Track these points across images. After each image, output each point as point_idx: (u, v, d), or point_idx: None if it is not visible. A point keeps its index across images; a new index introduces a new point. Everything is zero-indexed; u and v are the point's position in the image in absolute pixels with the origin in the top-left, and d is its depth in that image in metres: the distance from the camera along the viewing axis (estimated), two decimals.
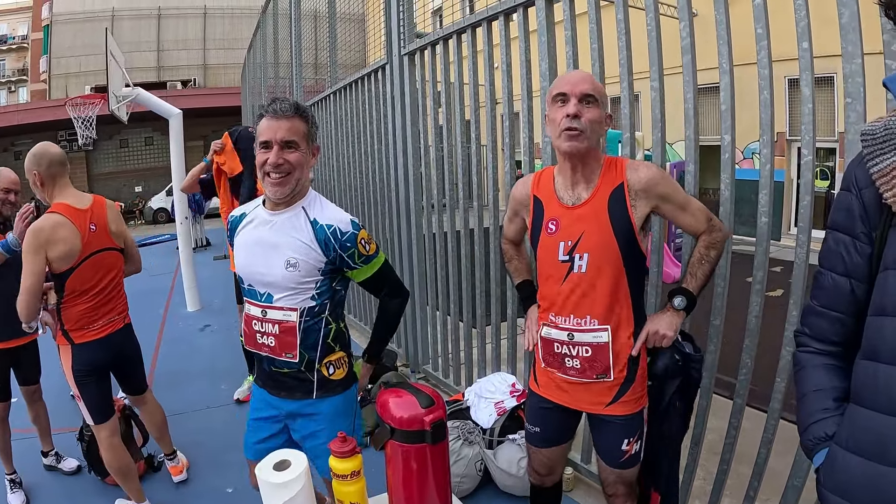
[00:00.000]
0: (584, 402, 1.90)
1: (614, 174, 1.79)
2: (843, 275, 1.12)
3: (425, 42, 3.95)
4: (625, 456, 1.89)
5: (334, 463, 1.33)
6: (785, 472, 2.16)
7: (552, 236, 1.83)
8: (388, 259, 1.96)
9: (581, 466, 3.03)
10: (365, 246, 1.83)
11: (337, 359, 1.91)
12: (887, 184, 0.99)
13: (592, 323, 1.79)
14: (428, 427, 1.20)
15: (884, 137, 1.01)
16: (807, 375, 1.20)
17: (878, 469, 1.00)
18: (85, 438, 3.30)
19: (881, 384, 1.02)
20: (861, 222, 1.08)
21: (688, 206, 1.82)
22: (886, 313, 1.02)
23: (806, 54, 1.88)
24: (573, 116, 1.71)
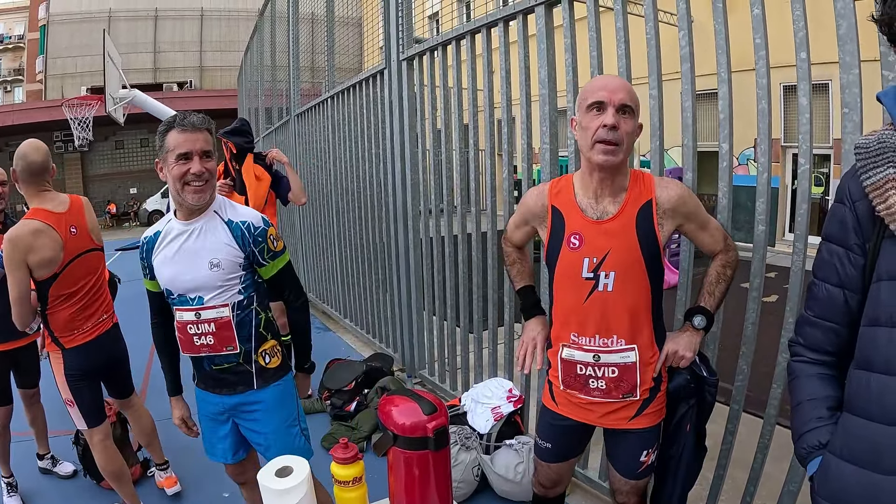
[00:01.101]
0: (606, 419, 1.87)
1: (641, 189, 1.73)
2: (836, 286, 1.14)
3: (424, 48, 3.96)
4: (642, 467, 1.89)
5: (336, 469, 1.33)
6: (781, 477, 2.17)
7: (575, 251, 1.76)
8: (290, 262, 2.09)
9: (578, 472, 3.03)
10: (273, 242, 1.99)
11: (271, 347, 2.05)
12: (880, 197, 1.01)
13: (619, 343, 1.74)
14: (431, 434, 1.20)
15: (877, 151, 1.03)
16: (801, 385, 1.22)
17: (871, 477, 1.02)
18: (81, 442, 3.29)
19: (874, 393, 1.03)
20: (854, 234, 1.09)
21: (708, 225, 1.80)
22: (880, 324, 1.03)
23: (804, 64, 1.89)
24: (611, 128, 1.63)
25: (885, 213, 1.00)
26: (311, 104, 6.48)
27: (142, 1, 26.71)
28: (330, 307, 6.75)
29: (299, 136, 7.18)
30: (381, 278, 5.09)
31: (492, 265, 3.50)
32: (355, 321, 5.94)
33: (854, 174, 1.09)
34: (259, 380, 2.03)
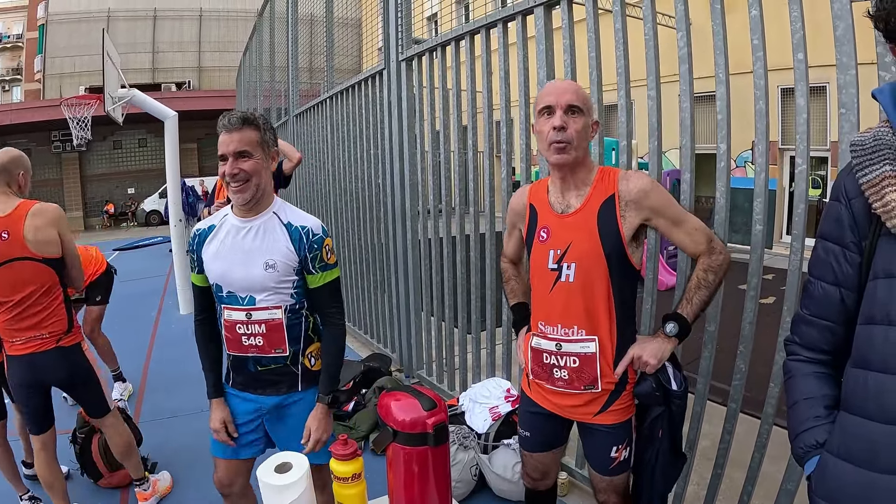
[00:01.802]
0: (572, 411, 1.90)
1: (606, 184, 1.78)
2: (832, 284, 1.14)
3: (423, 48, 3.97)
4: (614, 463, 1.89)
5: (335, 465, 1.34)
6: (778, 477, 2.17)
7: (543, 244, 1.84)
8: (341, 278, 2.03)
9: (575, 471, 3.04)
10: (328, 253, 1.96)
11: (316, 350, 2.07)
12: (876, 194, 1.01)
13: (580, 333, 1.78)
14: (430, 430, 1.21)
15: (873, 148, 1.03)
16: (797, 384, 1.22)
17: (868, 476, 1.02)
18: (78, 441, 3.29)
19: (871, 392, 1.03)
20: (850, 232, 1.09)
21: (684, 222, 1.78)
22: (875, 322, 1.03)
23: (801, 65, 1.90)
24: (559, 129, 1.72)
25: (882, 210, 1.00)
26: (310, 104, 6.48)
27: (140, 1, 26.69)
28: None
29: (298, 136, 7.18)
30: (379, 279, 5.10)
31: (490, 266, 3.51)
32: (353, 321, 5.94)
33: (850, 171, 1.09)
34: (303, 382, 2.03)
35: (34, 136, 22.61)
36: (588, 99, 1.81)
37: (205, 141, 23.73)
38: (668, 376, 1.77)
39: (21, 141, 21.79)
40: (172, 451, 3.54)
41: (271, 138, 1.96)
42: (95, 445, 3.25)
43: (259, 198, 1.91)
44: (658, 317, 2.50)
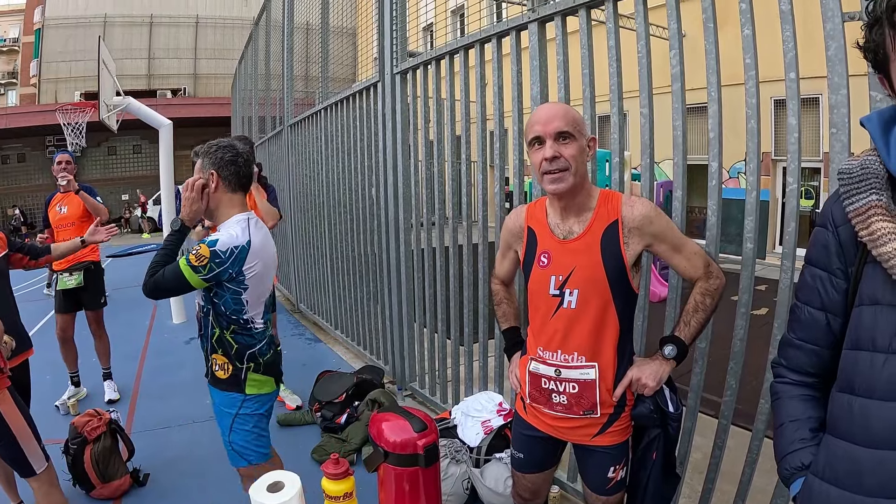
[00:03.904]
0: (569, 433, 1.89)
1: (609, 209, 1.76)
2: (819, 309, 1.16)
3: (418, 62, 3.99)
4: (611, 483, 1.90)
5: (327, 484, 1.34)
6: (768, 490, 2.18)
7: (544, 269, 1.81)
8: (186, 284, 2.12)
9: (567, 485, 3.04)
10: (192, 255, 2.11)
11: (222, 362, 2.22)
12: (863, 223, 1.02)
13: (580, 360, 1.77)
14: (421, 451, 1.22)
15: (860, 177, 1.05)
16: (784, 406, 1.23)
17: (853, 499, 1.03)
18: (70, 451, 3.27)
19: (856, 416, 1.05)
20: (837, 258, 1.11)
21: (683, 248, 1.78)
22: (861, 347, 1.05)
23: (793, 84, 1.92)
24: (552, 159, 1.69)
25: (868, 238, 1.02)
26: (305, 115, 6.50)
27: (137, 7, 26.72)
28: (321, 318, 6.74)
29: (292, 146, 7.19)
30: (372, 290, 5.09)
31: (482, 278, 3.51)
32: (346, 333, 5.93)
33: (837, 199, 1.10)
34: (211, 378, 2.28)
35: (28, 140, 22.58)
36: (579, 120, 1.77)
37: None
38: (666, 399, 1.77)
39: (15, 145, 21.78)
40: (164, 462, 3.53)
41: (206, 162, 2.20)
42: (88, 456, 3.23)
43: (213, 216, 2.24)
44: (649, 333, 2.52)
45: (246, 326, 2.21)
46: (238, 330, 2.20)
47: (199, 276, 2.07)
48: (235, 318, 2.18)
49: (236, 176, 2.20)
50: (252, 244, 2.13)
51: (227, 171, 2.18)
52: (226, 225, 2.18)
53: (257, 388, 2.25)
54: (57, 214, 4.43)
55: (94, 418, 3.39)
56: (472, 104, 3.58)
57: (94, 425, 3.33)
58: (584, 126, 1.79)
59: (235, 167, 2.20)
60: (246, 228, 2.16)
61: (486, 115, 3.48)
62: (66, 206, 4.42)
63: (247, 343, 2.22)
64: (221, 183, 2.18)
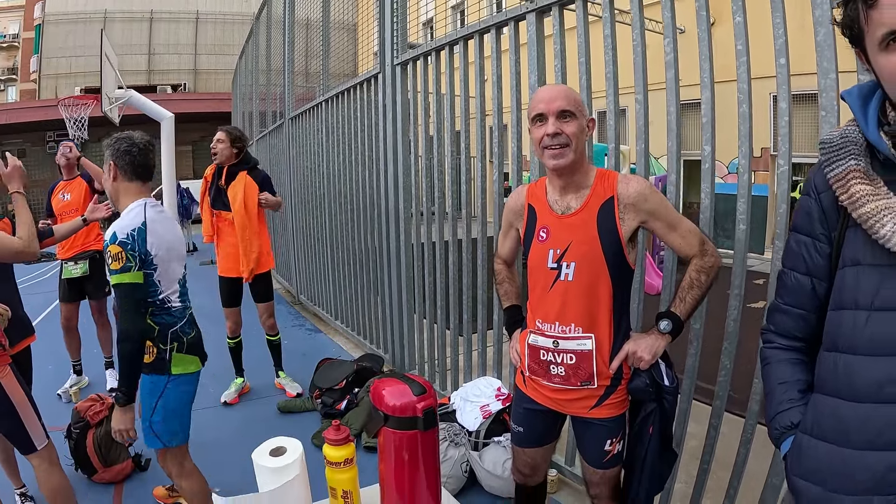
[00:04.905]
0: (568, 406, 1.93)
1: (605, 186, 1.82)
2: (804, 274, 1.20)
3: (418, 53, 4.02)
4: (607, 456, 1.94)
5: (328, 450, 1.38)
6: (763, 474, 2.21)
7: (543, 244, 1.87)
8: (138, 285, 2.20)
9: (565, 469, 3.08)
10: (110, 260, 2.16)
11: (146, 347, 2.28)
12: (842, 187, 1.07)
13: (577, 331, 1.82)
14: (420, 413, 1.26)
15: (840, 145, 1.10)
16: (772, 370, 1.28)
17: (841, 453, 1.08)
18: (73, 437, 3.31)
19: (841, 372, 1.09)
20: (820, 224, 1.16)
21: (678, 226, 1.83)
22: (844, 307, 1.10)
23: (783, 70, 1.97)
24: (553, 135, 1.76)
25: (848, 202, 1.06)
26: (306, 107, 6.53)
27: (137, 3, 26.69)
28: (321, 309, 6.79)
29: (293, 138, 7.23)
30: (372, 280, 5.14)
31: (481, 270, 3.56)
32: (346, 323, 5.98)
33: (819, 168, 1.16)
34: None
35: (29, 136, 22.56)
36: (579, 101, 1.84)
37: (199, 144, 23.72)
38: (661, 373, 1.81)
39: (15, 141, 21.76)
40: None
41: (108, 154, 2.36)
42: (90, 440, 3.28)
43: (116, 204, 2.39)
44: (644, 316, 2.56)
45: (163, 306, 2.32)
46: (156, 311, 2.30)
47: (133, 270, 2.17)
48: (151, 299, 2.28)
49: (131, 165, 2.31)
50: (147, 224, 2.23)
51: (123, 160, 2.31)
52: (122, 214, 2.29)
53: (183, 367, 2.37)
54: (60, 202, 4.46)
55: (97, 403, 3.43)
56: (471, 99, 3.62)
57: (96, 410, 3.38)
58: (584, 107, 1.86)
59: (130, 157, 2.31)
60: (140, 212, 2.26)
61: (486, 111, 3.52)
62: (70, 192, 4.46)
63: (167, 322, 2.33)
64: (119, 172, 2.31)
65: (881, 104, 1.08)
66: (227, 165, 4.13)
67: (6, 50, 28.10)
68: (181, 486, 2.56)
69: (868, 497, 1.04)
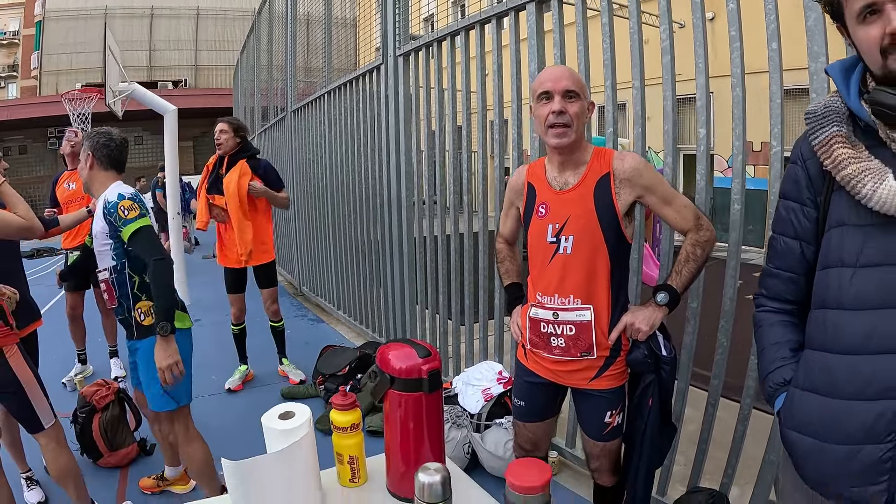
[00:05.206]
0: (568, 378, 1.98)
1: (602, 163, 1.88)
2: (793, 238, 1.26)
3: (420, 44, 4.07)
4: (607, 428, 1.99)
5: (335, 416, 1.43)
6: (760, 455, 2.26)
7: (542, 219, 1.93)
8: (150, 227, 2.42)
9: (566, 451, 3.14)
10: (124, 211, 2.35)
11: (146, 308, 2.46)
12: (826, 153, 1.13)
13: (576, 302, 1.88)
14: (425, 375, 1.31)
15: (823, 114, 1.16)
16: (765, 332, 1.34)
17: (831, 404, 1.13)
18: (79, 420, 3.36)
19: (829, 327, 1.15)
20: (807, 190, 1.22)
21: (673, 200, 1.89)
22: (831, 266, 1.15)
23: (775, 55, 2.04)
24: (558, 113, 1.82)
25: (831, 166, 1.12)
26: (309, 99, 6.58)
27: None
28: (323, 300, 6.85)
29: (295, 131, 7.28)
30: (374, 270, 5.20)
31: (482, 261, 3.63)
32: (348, 313, 6.03)
33: (805, 137, 1.21)
34: (136, 331, 2.47)
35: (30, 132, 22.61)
36: (583, 83, 1.91)
37: (200, 139, 23.75)
38: (659, 343, 1.86)
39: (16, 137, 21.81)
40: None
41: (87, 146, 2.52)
42: (96, 424, 3.32)
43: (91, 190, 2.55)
44: (642, 296, 2.61)
45: None
46: None
47: (146, 216, 2.41)
48: None
49: (108, 158, 2.53)
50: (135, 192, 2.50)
51: (101, 153, 2.52)
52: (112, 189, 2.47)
53: (181, 322, 2.51)
54: (65, 191, 4.51)
55: (103, 388, 3.47)
56: (472, 94, 3.68)
57: (102, 394, 3.42)
58: (587, 90, 1.93)
59: (108, 150, 2.53)
60: (123, 186, 2.50)
61: (487, 106, 3.57)
62: (75, 181, 4.50)
63: None
64: (96, 162, 2.52)
65: (862, 75, 1.13)
66: (229, 155, 4.18)
67: (6, 47, 28.08)
68: (186, 451, 2.68)
69: (859, 446, 1.09)
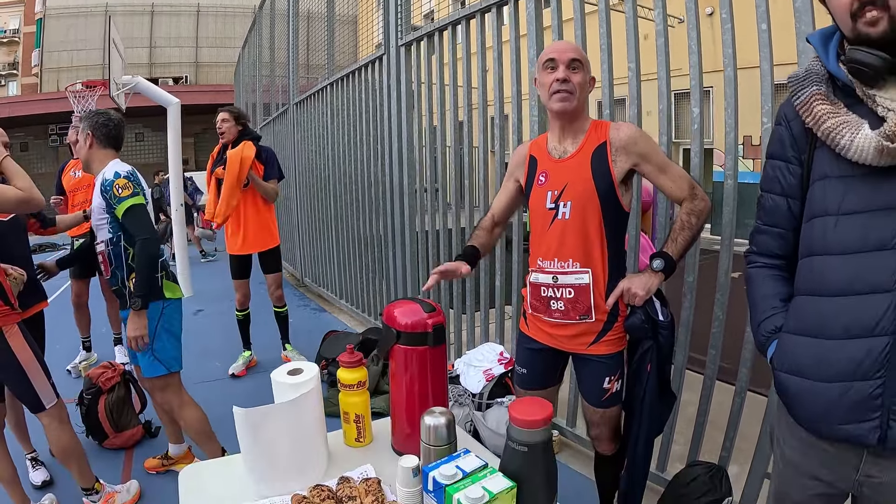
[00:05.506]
0: (568, 342, 2.04)
1: (599, 133, 1.96)
2: (780, 195, 1.33)
3: (421, 33, 4.14)
4: (606, 394, 2.03)
5: (342, 374, 1.48)
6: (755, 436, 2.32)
7: (542, 186, 2.00)
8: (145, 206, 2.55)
9: (567, 430, 3.19)
10: (119, 189, 2.49)
11: None
12: (807, 110, 1.20)
13: (574, 265, 1.94)
14: (430, 329, 1.36)
15: (804, 76, 1.24)
16: (756, 286, 1.40)
17: (821, 344, 1.20)
18: (85, 402, 3.40)
19: (816, 273, 1.22)
20: (791, 148, 1.29)
21: (668, 169, 1.95)
22: (815, 216, 1.22)
23: (764, 35, 2.13)
24: (563, 80, 1.90)
25: (812, 122, 1.19)
26: (311, 91, 6.64)
27: None
28: (326, 290, 6.91)
29: (298, 123, 7.34)
30: (376, 258, 5.27)
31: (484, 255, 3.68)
32: (351, 301, 6.10)
33: (788, 100, 1.29)
34: (129, 301, 2.54)
35: (31, 129, 22.62)
36: (586, 58, 1.99)
37: (201, 135, 23.77)
38: (656, 309, 1.90)
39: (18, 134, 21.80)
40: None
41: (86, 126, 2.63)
42: (102, 405, 3.36)
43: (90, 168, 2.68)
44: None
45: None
46: None
47: (139, 195, 2.54)
48: None
49: (107, 137, 2.66)
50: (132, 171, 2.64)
51: (100, 132, 2.64)
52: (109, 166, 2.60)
53: (172, 292, 2.69)
54: (71, 179, 4.55)
55: (109, 370, 3.51)
56: (473, 90, 3.74)
57: (108, 376, 3.46)
58: (589, 65, 2.00)
59: (107, 129, 2.66)
60: (121, 164, 2.63)
61: (487, 101, 3.63)
62: (81, 170, 4.53)
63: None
64: (95, 141, 2.64)
65: (840, 42, 1.21)
66: (232, 141, 4.23)
67: (6, 45, 28.09)
68: (182, 417, 2.78)
69: (849, 383, 1.15)
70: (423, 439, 1.22)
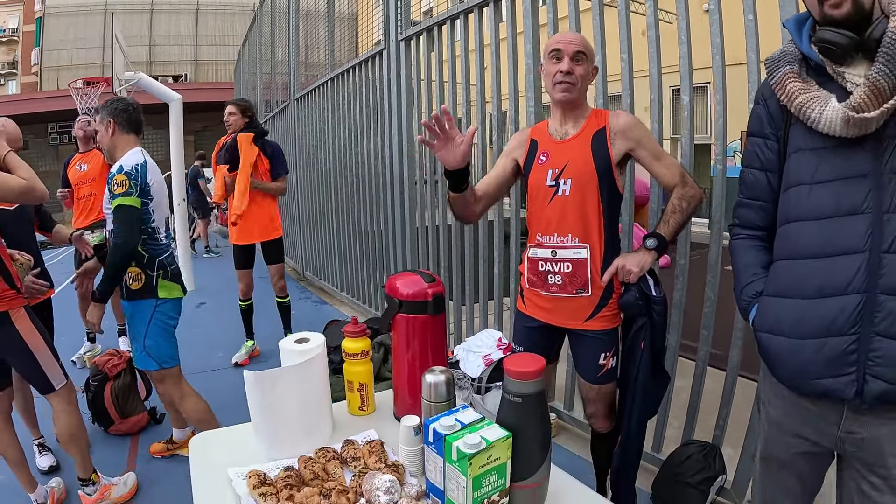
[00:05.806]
0: (564, 318, 2.13)
1: (599, 119, 2.07)
2: (760, 169, 1.42)
3: (421, 28, 4.21)
4: (602, 371, 2.13)
5: (347, 343, 1.55)
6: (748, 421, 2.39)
7: (542, 166, 2.10)
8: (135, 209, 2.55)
9: (564, 413, 3.27)
10: (115, 186, 2.52)
11: (135, 273, 2.61)
12: (781, 89, 1.30)
13: (573, 240, 2.04)
14: (430, 298, 1.43)
15: (779, 58, 1.33)
16: (739, 256, 1.49)
17: (798, 304, 1.29)
18: (91, 388, 3.46)
19: (793, 237, 1.32)
20: (769, 125, 1.39)
21: (662, 157, 2.06)
22: (791, 186, 1.32)
23: (751, 25, 2.23)
24: (566, 72, 2.00)
25: (786, 99, 1.28)
26: (312, 87, 6.72)
27: None
28: (327, 283, 6.99)
29: (299, 119, 7.42)
30: (376, 250, 5.35)
31: (482, 246, 3.79)
32: (352, 293, 6.17)
33: (766, 81, 1.38)
34: (126, 293, 2.64)
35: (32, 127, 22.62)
36: (591, 49, 2.08)
37: (202, 133, 23.81)
38: (650, 286, 2.00)
39: None
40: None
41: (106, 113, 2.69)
42: (108, 392, 3.42)
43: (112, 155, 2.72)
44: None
45: (154, 236, 2.67)
46: (147, 239, 2.63)
47: (133, 196, 2.54)
48: (144, 226, 2.62)
49: (128, 121, 2.71)
50: (147, 163, 2.65)
51: (121, 117, 2.69)
52: (124, 157, 2.64)
53: (167, 292, 2.70)
54: (77, 172, 4.61)
55: (115, 357, 3.57)
56: (472, 87, 3.82)
57: (114, 363, 3.52)
58: (593, 55, 2.10)
59: (126, 115, 2.71)
60: (140, 154, 2.67)
61: (486, 98, 3.70)
62: (87, 163, 4.60)
63: (155, 252, 2.66)
64: (117, 127, 2.69)
65: (813, 26, 1.30)
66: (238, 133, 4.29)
67: (6, 44, 28.11)
68: (184, 408, 2.84)
69: (824, 339, 1.24)
70: (424, 396, 1.30)
